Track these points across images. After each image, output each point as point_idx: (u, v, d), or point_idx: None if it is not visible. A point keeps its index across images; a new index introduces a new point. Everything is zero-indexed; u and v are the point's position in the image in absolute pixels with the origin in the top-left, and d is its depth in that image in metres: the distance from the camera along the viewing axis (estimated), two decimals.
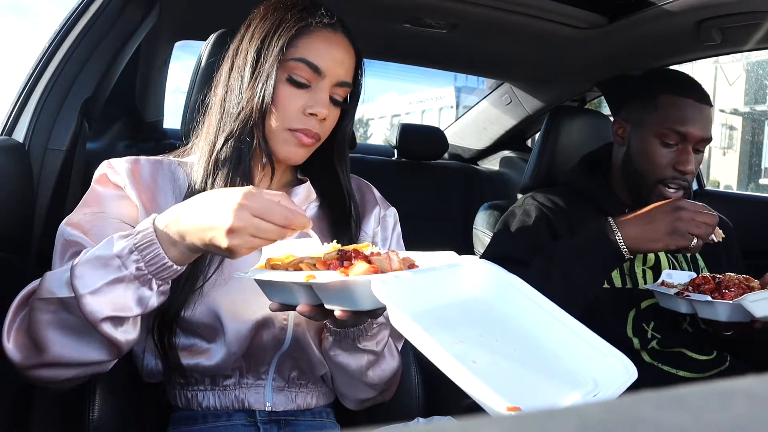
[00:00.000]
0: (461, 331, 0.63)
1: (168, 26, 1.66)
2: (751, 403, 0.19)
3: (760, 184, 14.13)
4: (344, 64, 0.92)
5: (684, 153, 1.25)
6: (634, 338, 1.25)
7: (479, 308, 0.69)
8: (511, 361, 0.61)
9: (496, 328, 0.66)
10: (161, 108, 2.06)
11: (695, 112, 1.24)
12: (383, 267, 0.66)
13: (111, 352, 0.76)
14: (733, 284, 1.10)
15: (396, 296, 0.60)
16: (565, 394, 0.55)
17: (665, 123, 1.24)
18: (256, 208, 0.65)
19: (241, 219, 0.65)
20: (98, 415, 0.93)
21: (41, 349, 0.74)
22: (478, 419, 0.19)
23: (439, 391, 1.13)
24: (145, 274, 0.71)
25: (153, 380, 0.95)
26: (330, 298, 0.68)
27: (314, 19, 0.90)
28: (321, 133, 0.92)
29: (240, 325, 0.88)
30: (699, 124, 1.24)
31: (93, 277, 0.70)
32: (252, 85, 0.88)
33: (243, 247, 0.67)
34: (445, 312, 0.65)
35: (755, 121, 14.65)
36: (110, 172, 0.89)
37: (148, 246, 0.70)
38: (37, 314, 0.73)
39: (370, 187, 1.11)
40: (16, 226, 1.12)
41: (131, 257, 0.70)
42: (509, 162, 2.54)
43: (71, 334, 0.73)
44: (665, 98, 1.26)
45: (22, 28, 14.53)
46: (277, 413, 0.94)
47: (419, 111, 21.74)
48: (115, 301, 0.71)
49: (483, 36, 1.70)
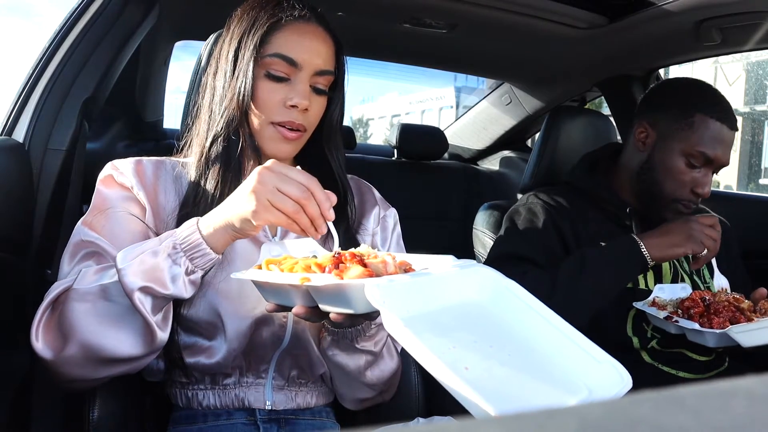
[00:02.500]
0: (455, 336, 0.62)
1: (168, 26, 1.66)
2: (751, 403, 0.19)
3: (760, 184, 14.12)
4: (320, 53, 0.92)
5: (706, 176, 1.25)
6: (634, 337, 1.26)
7: (475, 313, 0.69)
8: (505, 367, 0.60)
9: (490, 334, 0.65)
10: (161, 108, 2.06)
11: (726, 139, 1.24)
12: (378, 271, 0.66)
13: (144, 341, 0.78)
14: (722, 307, 1.11)
15: (390, 300, 0.60)
16: (558, 402, 0.55)
17: (697, 145, 1.23)
18: (276, 174, 0.72)
19: (261, 196, 0.71)
20: (98, 415, 0.93)
21: (68, 336, 0.76)
22: (478, 419, 0.19)
23: (439, 391, 1.13)
24: (178, 252, 0.77)
25: (153, 379, 0.95)
26: (325, 300, 0.68)
27: (285, 14, 0.92)
28: (306, 124, 0.92)
29: (240, 322, 0.89)
30: (727, 150, 1.25)
31: (133, 252, 0.77)
32: (232, 84, 0.90)
33: (266, 222, 0.73)
34: (440, 317, 0.65)
35: (755, 121, 14.65)
36: (116, 174, 0.90)
37: (188, 228, 0.78)
38: (73, 304, 0.77)
39: (371, 188, 1.11)
40: (16, 226, 1.12)
41: (169, 239, 0.78)
42: (509, 162, 2.54)
43: (106, 322, 0.77)
44: (702, 119, 1.23)
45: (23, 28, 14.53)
46: (277, 412, 0.95)
47: (419, 111, 21.74)
48: (152, 270, 0.76)
49: (483, 36, 1.70)
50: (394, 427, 0.85)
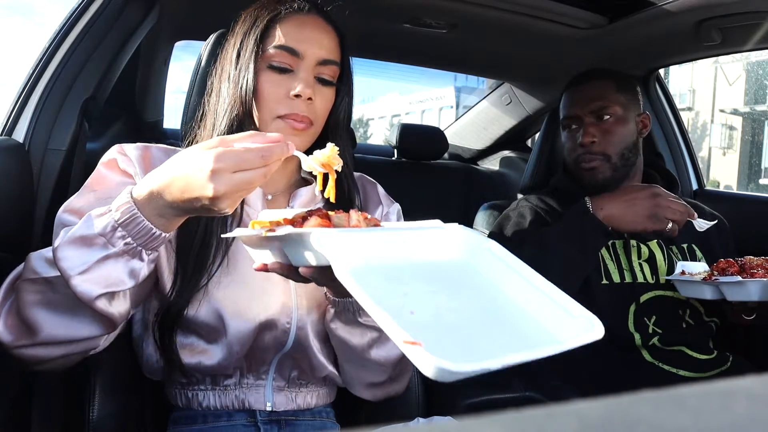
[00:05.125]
0: (412, 285, 0.61)
1: (168, 26, 1.66)
2: (751, 403, 0.19)
3: (760, 184, 14.13)
4: (322, 42, 0.92)
5: (578, 131, 1.42)
6: (636, 333, 1.26)
7: (444, 269, 0.67)
8: (459, 316, 0.58)
9: (453, 286, 0.64)
10: (161, 108, 2.06)
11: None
12: (340, 224, 0.67)
13: (104, 326, 0.76)
14: (756, 265, 1.14)
15: (339, 249, 0.60)
16: (518, 352, 0.50)
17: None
18: (232, 165, 0.64)
19: (222, 183, 0.63)
20: (98, 414, 0.93)
21: (33, 330, 0.74)
22: (478, 419, 0.19)
23: (439, 391, 1.13)
24: (134, 247, 0.71)
25: (154, 377, 0.95)
26: (290, 253, 0.68)
27: (284, 7, 0.93)
28: (311, 115, 0.91)
29: (242, 325, 0.88)
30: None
31: (79, 258, 0.69)
32: (236, 81, 0.90)
33: (233, 204, 0.67)
34: (403, 270, 0.63)
35: (755, 121, 14.66)
36: (121, 159, 0.88)
37: (132, 221, 0.69)
38: (24, 295, 0.73)
39: (375, 185, 1.10)
40: (15, 226, 1.12)
41: (116, 234, 0.69)
42: (509, 162, 2.54)
43: (60, 312, 0.73)
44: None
45: (24, 27, 14.56)
46: (278, 413, 0.94)
47: (419, 111, 21.75)
48: (107, 278, 0.70)
49: (483, 36, 1.70)
50: (394, 427, 0.85)
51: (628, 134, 1.36)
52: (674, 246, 1.37)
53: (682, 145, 1.97)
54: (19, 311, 0.74)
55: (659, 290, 1.30)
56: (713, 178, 15.50)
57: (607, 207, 1.22)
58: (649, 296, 1.29)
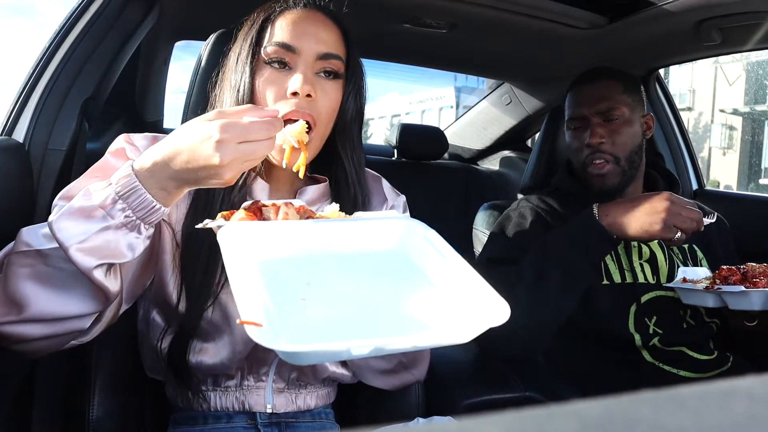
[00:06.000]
0: (321, 276, 0.62)
1: (168, 26, 1.66)
2: (751, 403, 0.19)
3: (760, 184, 14.14)
4: (320, 37, 0.90)
5: (586, 131, 1.40)
6: (636, 334, 1.26)
7: (373, 260, 0.68)
8: (353, 305, 0.58)
9: (377, 277, 0.64)
10: (161, 108, 2.06)
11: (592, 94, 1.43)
12: (268, 216, 0.69)
13: (95, 302, 0.74)
14: (759, 273, 1.13)
15: (237, 242, 0.62)
16: (369, 337, 0.50)
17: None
18: (237, 135, 0.65)
19: (228, 152, 0.65)
20: (98, 414, 0.93)
21: (20, 305, 0.72)
22: (478, 419, 0.19)
23: (439, 391, 1.13)
24: (133, 220, 0.70)
25: (156, 376, 0.95)
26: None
27: (279, 5, 0.93)
28: (313, 112, 0.88)
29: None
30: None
31: (77, 228, 0.69)
32: (235, 85, 0.90)
33: (237, 174, 0.68)
34: (318, 261, 0.65)
35: (755, 121, 14.67)
36: (129, 148, 0.87)
37: (133, 193, 0.69)
38: (14, 269, 0.72)
39: (379, 179, 1.08)
40: (15, 226, 1.12)
41: (116, 206, 0.69)
42: (509, 162, 2.54)
43: (51, 286, 0.72)
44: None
45: (25, 27, 14.56)
46: (278, 415, 0.94)
47: (419, 111, 21.75)
48: (106, 248, 0.70)
49: (483, 36, 1.70)
50: (394, 427, 0.85)
51: (634, 136, 1.34)
52: (675, 246, 1.36)
53: (682, 145, 1.97)
54: (7, 286, 0.72)
55: (660, 291, 1.30)
56: (713, 178, 15.51)
57: (613, 214, 1.16)
58: (649, 296, 1.29)
